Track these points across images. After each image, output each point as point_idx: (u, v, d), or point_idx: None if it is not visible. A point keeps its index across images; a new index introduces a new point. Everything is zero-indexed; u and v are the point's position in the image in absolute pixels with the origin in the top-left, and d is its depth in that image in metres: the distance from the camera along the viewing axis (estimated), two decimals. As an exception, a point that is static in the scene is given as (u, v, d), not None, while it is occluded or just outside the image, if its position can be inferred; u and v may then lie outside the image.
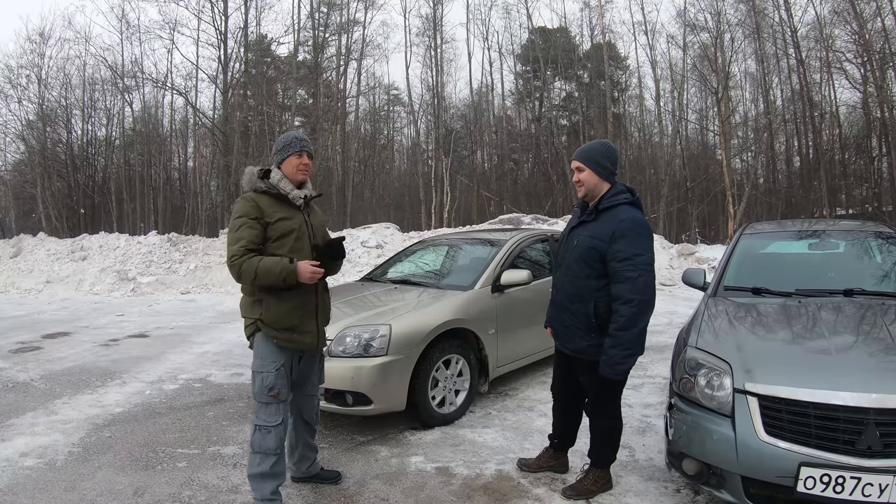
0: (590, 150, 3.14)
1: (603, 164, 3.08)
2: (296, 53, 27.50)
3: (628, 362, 2.91)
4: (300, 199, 3.08)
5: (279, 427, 3.00)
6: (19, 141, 25.61)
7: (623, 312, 2.87)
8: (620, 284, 2.89)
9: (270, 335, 2.95)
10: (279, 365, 2.98)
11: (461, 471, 3.56)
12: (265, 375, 2.95)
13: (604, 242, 2.96)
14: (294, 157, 3.09)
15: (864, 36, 20.22)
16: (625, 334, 2.87)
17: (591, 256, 3.01)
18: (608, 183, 3.10)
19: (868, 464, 2.33)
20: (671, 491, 3.26)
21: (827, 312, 3.28)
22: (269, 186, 3.02)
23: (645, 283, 2.87)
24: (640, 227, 2.94)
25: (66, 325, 8.84)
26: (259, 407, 2.99)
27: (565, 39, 31.07)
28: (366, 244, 14.58)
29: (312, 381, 3.30)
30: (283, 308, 2.95)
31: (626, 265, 2.88)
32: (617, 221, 2.95)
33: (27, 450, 3.97)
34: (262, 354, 2.98)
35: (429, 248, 6.27)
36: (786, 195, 25.61)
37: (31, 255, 15.24)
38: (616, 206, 3.02)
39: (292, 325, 2.98)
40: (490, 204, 29.05)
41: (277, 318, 2.95)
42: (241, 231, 2.89)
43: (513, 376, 5.37)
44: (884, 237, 4.23)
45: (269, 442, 2.97)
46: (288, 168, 3.09)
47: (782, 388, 2.54)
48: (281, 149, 3.11)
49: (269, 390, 2.95)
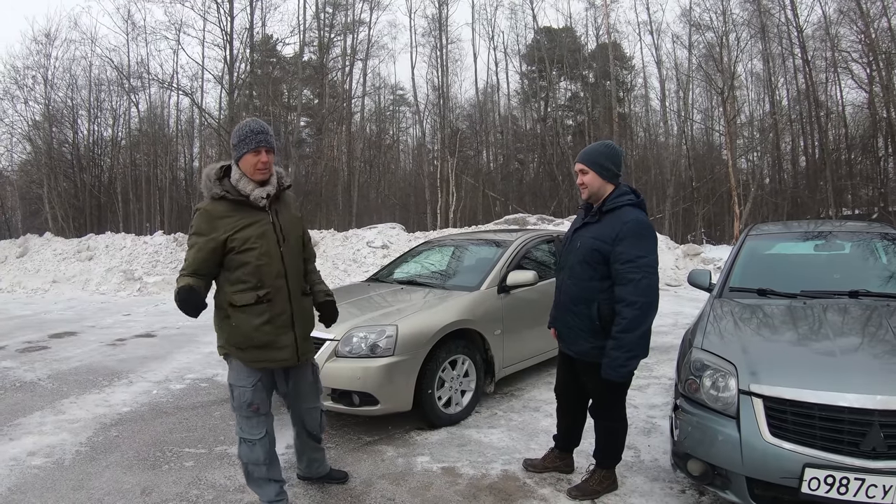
0: (592, 152, 3.13)
1: (606, 165, 3.07)
2: (301, 54, 27.56)
3: (631, 364, 2.90)
4: (262, 199, 2.79)
5: (264, 439, 2.89)
6: (26, 141, 25.80)
7: (626, 315, 2.87)
8: (623, 287, 2.89)
9: (240, 358, 2.78)
10: (256, 380, 2.83)
11: (467, 471, 3.57)
12: (243, 391, 2.82)
13: (607, 244, 2.96)
14: (250, 154, 2.75)
15: (870, 35, 20.15)
16: (627, 336, 2.87)
17: (594, 258, 3.01)
18: (612, 184, 3.10)
19: (872, 465, 2.33)
20: (676, 492, 3.27)
21: (832, 314, 3.29)
22: (226, 190, 2.75)
23: (648, 285, 2.87)
24: (643, 229, 2.94)
25: (73, 325, 8.90)
26: (241, 420, 2.88)
27: (570, 39, 31.05)
28: (371, 244, 14.60)
29: (310, 394, 3.15)
30: (251, 325, 2.73)
31: (629, 267, 2.88)
32: (620, 223, 2.95)
33: (35, 449, 4.00)
34: (238, 367, 2.82)
35: (435, 248, 6.28)
36: (791, 195, 25.53)
37: (38, 255, 15.34)
38: (620, 208, 3.02)
39: (263, 343, 2.76)
40: (495, 204, 29.04)
41: (245, 336, 2.74)
42: (189, 252, 2.71)
43: (518, 377, 5.39)
44: (889, 238, 4.23)
45: (256, 454, 2.88)
46: (245, 166, 2.77)
47: (787, 389, 2.55)
48: (236, 144, 2.78)
49: (248, 406, 2.83)
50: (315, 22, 28.06)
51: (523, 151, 33.32)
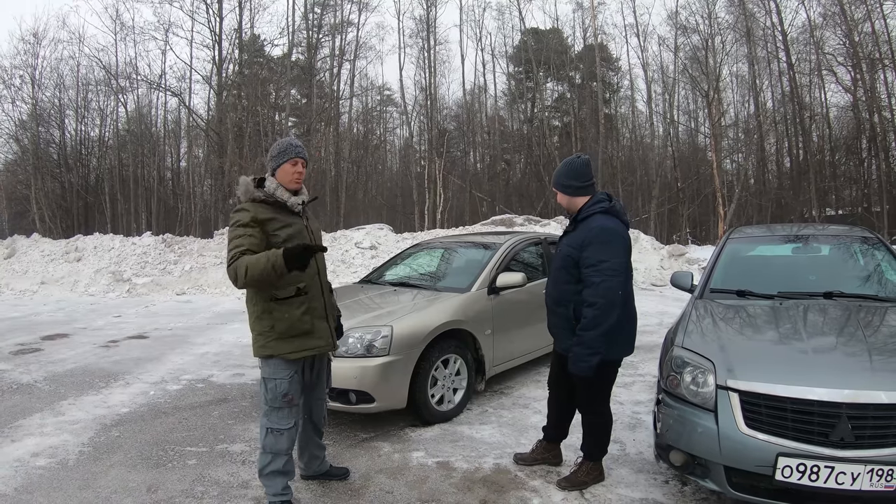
0: (556, 175, 3.43)
1: (567, 184, 3.35)
2: (290, 54, 27.56)
3: (590, 360, 3.08)
4: (298, 205, 3.11)
5: (292, 430, 3.10)
6: (12, 141, 25.59)
7: (587, 314, 3.10)
8: (587, 289, 3.13)
9: (282, 351, 2.98)
10: (292, 372, 3.04)
11: (461, 465, 3.72)
12: (279, 382, 3.01)
13: (576, 250, 3.21)
14: (288, 164, 3.07)
15: (854, 39, 20.50)
16: (587, 334, 3.09)
17: (568, 264, 3.27)
18: (584, 196, 3.35)
19: (841, 454, 2.51)
20: (660, 482, 3.44)
21: (806, 314, 3.47)
22: (266, 195, 3.02)
23: (607, 287, 3.08)
24: (607, 235, 3.16)
25: (64, 327, 8.93)
26: (270, 411, 3.05)
27: (557, 41, 31.25)
28: (360, 245, 14.69)
29: (322, 385, 3.37)
30: (295, 315, 2.97)
31: (591, 271, 3.12)
32: (588, 230, 3.20)
33: (38, 450, 4.06)
34: (275, 363, 3.02)
35: (425, 251, 6.41)
36: (776, 196, 25.89)
37: (26, 256, 15.25)
38: (591, 216, 3.27)
39: (305, 331, 3.02)
40: (482, 205, 29.19)
41: (290, 325, 2.97)
42: (239, 239, 2.89)
43: (508, 375, 5.54)
44: (866, 242, 4.42)
45: (281, 443, 3.06)
46: (282, 176, 3.07)
47: (761, 384, 2.73)
48: (276, 155, 3.09)
49: (284, 396, 3.02)
50: (303, 23, 28.10)
51: (510, 152, 33.50)
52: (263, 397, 3.07)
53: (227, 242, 2.96)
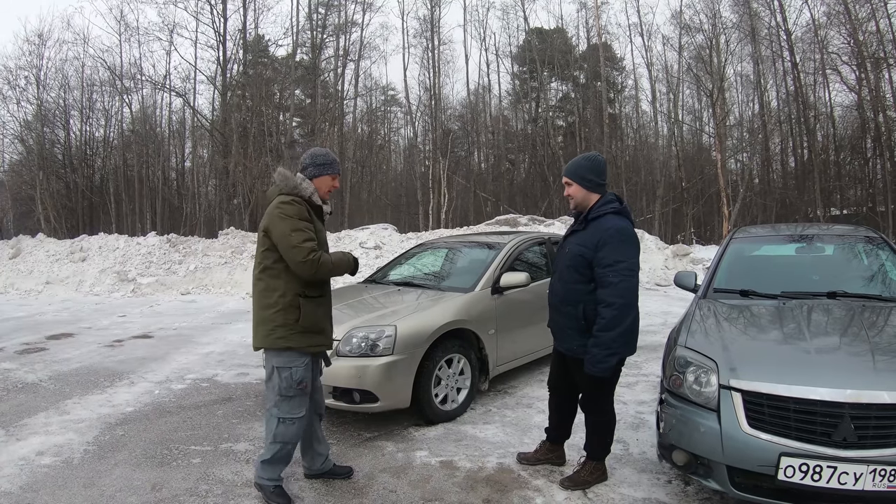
0: (576, 165, 3.37)
1: (588, 178, 3.31)
2: (294, 54, 27.61)
3: (610, 361, 3.10)
4: (328, 214, 3.35)
5: (302, 418, 3.22)
6: (17, 142, 25.71)
7: (604, 315, 3.09)
8: (603, 289, 3.12)
9: (300, 344, 3.12)
10: (308, 360, 3.19)
11: (464, 464, 3.73)
12: (294, 370, 3.13)
13: (590, 250, 3.19)
14: (329, 177, 3.30)
15: (859, 38, 20.43)
16: (606, 335, 3.08)
17: (579, 263, 3.24)
18: (597, 194, 3.33)
19: (843, 454, 2.50)
20: (663, 482, 3.44)
21: (809, 314, 3.47)
22: (310, 194, 3.21)
23: (626, 287, 3.08)
24: (623, 236, 3.15)
25: (69, 326, 8.95)
26: (281, 401, 3.16)
27: (562, 41, 31.27)
28: (364, 245, 14.72)
29: (318, 377, 3.49)
30: (317, 314, 3.19)
31: (608, 271, 3.10)
32: (602, 230, 3.18)
33: (43, 449, 4.08)
34: (289, 354, 3.14)
35: (429, 251, 6.42)
36: (780, 196, 25.83)
37: (31, 256, 15.29)
38: (603, 216, 3.24)
39: (322, 329, 3.23)
40: (487, 204, 29.21)
41: (314, 322, 3.16)
42: (308, 232, 3.07)
43: (512, 375, 5.55)
44: (870, 242, 4.41)
45: (292, 431, 3.20)
46: (321, 185, 3.27)
47: (764, 384, 2.73)
48: (321, 164, 3.27)
49: (299, 384, 3.15)
50: (308, 23, 28.15)
51: (514, 152, 33.51)
52: (276, 387, 3.16)
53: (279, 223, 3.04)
